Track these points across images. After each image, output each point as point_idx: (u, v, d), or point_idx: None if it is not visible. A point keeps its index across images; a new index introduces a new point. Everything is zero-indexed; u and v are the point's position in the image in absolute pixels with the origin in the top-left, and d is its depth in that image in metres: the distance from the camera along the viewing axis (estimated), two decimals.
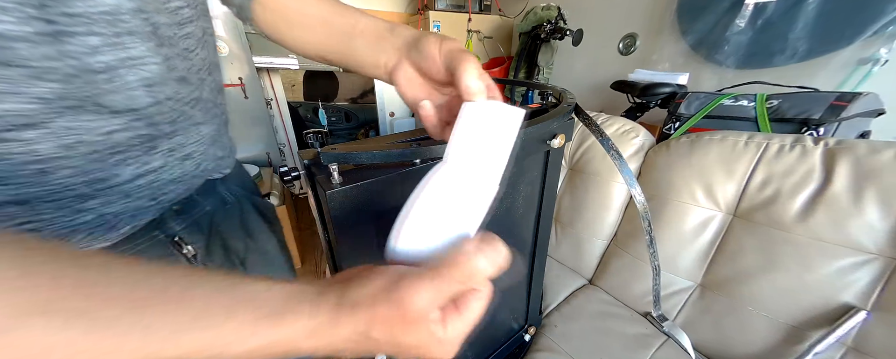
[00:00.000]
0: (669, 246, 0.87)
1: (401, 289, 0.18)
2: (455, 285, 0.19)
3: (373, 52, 0.34)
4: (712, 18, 1.14)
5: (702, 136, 0.86)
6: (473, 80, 0.26)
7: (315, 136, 0.50)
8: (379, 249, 0.52)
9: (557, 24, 1.59)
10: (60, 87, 0.24)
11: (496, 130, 0.25)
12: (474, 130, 0.25)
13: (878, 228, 0.62)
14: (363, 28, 0.35)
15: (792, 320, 0.70)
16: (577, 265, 1.11)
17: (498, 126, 0.25)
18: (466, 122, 0.25)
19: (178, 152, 0.34)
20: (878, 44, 0.88)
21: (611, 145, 0.51)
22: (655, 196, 0.91)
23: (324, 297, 0.18)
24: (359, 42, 0.35)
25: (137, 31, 0.27)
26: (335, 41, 0.37)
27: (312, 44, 0.39)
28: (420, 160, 0.47)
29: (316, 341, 0.18)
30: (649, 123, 1.14)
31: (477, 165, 0.24)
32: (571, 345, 0.84)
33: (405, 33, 0.33)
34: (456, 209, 0.24)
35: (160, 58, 0.29)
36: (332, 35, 0.37)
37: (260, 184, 1.60)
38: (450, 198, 0.23)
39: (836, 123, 0.77)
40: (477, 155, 0.24)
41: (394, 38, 0.33)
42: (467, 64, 0.27)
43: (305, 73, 2.89)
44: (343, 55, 0.37)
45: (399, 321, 0.18)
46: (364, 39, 0.35)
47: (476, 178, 0.24)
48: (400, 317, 0.18)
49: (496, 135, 0.25)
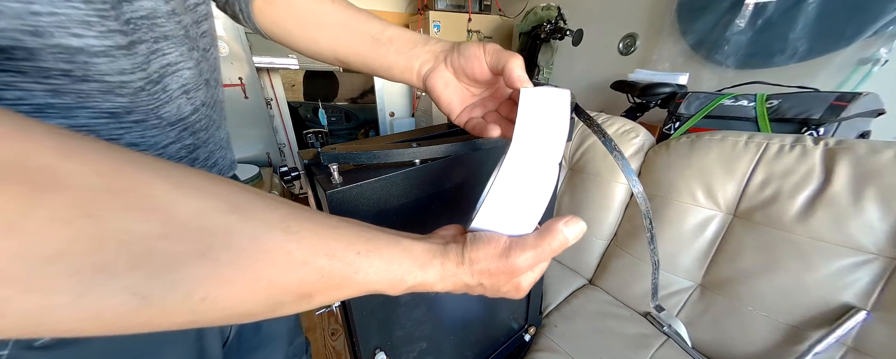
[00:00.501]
0: (669, 246, 0.87)
1: (512, 255, 0.24)
2: (548, 253, 0.24)
3: (406, 59, 0.37)
4: (712, 18, 1.14)
5: (702, 136, 0.86)
6: (522, 72, 0.31)
7: (315, 136, 0.50)
8: None
9: (557, 24, 1.59)
10: (129, 101, 0.23)
11: (556, 108, 0.28)
12: (538, 110, 0.28)
13: (878, 228, 0.62)
14: (392, 35, 0.37)
15: (792, 320, 0.70)
16: (577, 265, 1.11)
17: (556, 105, 0.28)
18: (529, 104, 0.28)
19: (209, 160, 0.35)
20: (878, 44, 0.88)
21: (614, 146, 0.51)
22: (655, 196, 0.91)
23: (448, 256, 0.24)
24: (388, 48, 0.37)
25: (172, 36, 0.27)
26: (358, 45, 0.38)
27: (327, 45, 0.39)
28: (420, 160, 0.47)
29: (442, 284, 0.24)
30: (649, 123, 1.14)
31: (545, 142, 0.27)
32: (571, 345, 0.84)
33: (441, 42, 0.36)
34: (531, 185, 0.26)
35: (192, 62, 0.29)
36: (353, 38, 0.38)
37: (260, 184, 1.60)
38: (525, 173, 0.26)
39: (836, 123, 0.77)
40: (544, 133, 0.27)
41: (430, 45, 0.36)
42: (515, 58, 0.31)
43: (305, 73, 2.90)
44: (367, 59, 0.39)
45: (506, 277, 0.24)
46: (394, 46, 0.37)
47: (546, 155, 0.27)
48: (508, 274, 0.24)
49: (556, 113, 0.28)
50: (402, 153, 0.44)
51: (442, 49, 0.36)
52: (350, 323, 0.57)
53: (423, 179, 0.50)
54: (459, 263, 0.24)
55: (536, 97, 0.28)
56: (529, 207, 0.26)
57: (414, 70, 0.37)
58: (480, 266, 0.24)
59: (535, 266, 0.25)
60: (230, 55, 1.61)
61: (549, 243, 0.24)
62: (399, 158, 0.44)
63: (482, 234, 0.25)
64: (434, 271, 0.23)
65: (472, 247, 0.24)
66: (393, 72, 0.38)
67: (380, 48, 0.37)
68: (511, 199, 0.26)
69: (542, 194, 0.26)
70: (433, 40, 0.37)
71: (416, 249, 0.23)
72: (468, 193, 0.57)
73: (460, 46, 0.34)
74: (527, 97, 0.28)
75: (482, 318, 0.78)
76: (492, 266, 0.24)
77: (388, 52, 0.37)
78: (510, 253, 0.24)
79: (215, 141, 0.35)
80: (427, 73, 0.36)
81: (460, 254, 0.24)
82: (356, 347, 0.57)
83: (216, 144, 0.36)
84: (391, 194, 0.47)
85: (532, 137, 0.27)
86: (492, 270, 0.24)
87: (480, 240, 0.25)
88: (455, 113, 0.38)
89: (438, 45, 0.36)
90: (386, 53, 0.37)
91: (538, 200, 0.26)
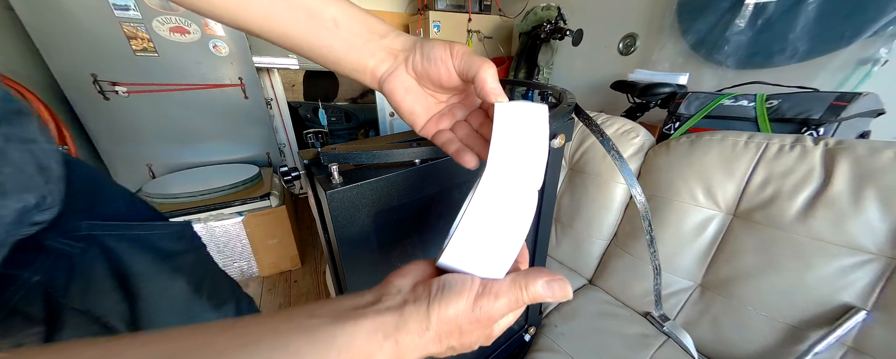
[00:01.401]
0: (669, 246, 0.87)
1: (484, 304, 0.21)
2: (522, 303, 0.22)
3: (357, 55, 0.29)
4: (712, 18, 1.14)
5: (702, 136, 0.86)
6: (495, 83, 0.26)
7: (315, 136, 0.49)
8: (379, 249, 0.52)
9: (557, 24, 1.59)
10: None
11: (533, 126, 0.25)
12: (515, 129, 0.25)
13: (878, 228, 0.62)
14: (336, 17, 0.28)
15: (792, 320, 0.70)
16: (577, 265, 1.11)
17: (534, 123, 0.25)
18: (505, 122, 0.25)
19: None
20: (878, 44, 0.88)
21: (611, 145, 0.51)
22: (655, 196, 0.91)
23: (406, 326, 0.19)
24: (333, 34, 0.29)
25: None
26: (287, 21, 0.28)
27: (248, 18, 0.28)
28: (420, 160, 0.47)
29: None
30: (649, 123, 1.14)
31: (524, 166, 0.25)
32: (571, 345, 0.84)
33: (401, 37, 0.30)
34: (507, 217, 0.24)
35: None
36: (279, 9, 0.27)
37: (260, 184, 1.60)
38: (501, 203, 0.24)
39: (836, 123, 0.77)
40: (522, 155, 0.25)
41: (388, 39, 0.30)
42: (487, 67, 0.27)
43: (305, 73, 2.90)
44: (301, 44, 0.29)
45: (480, 329, 0.21)
46: (341, 33, 0.29)
47: (524, 181, 0.24)
48: (482, 326, 0.21)
49: (534, 132, 0.25)
50: (403, 153, 0.44)
51: (402, 47, 0.29)
52: None
53: (423, 179, 0.50)
54: (423, 330, 0.20)
55: (513, 114, 0.25)
56: (504, 242, 0.23)
57: (367, 70, 0.30)
58: (450, 326, 0.20)
59: (508, 314, 0.22)
60: (230, 55, 1.61)
61: (523, 294, 0.22)
62: (399, 158, 0.44)
63: (450, 282, 0.22)
64: (387, 355, 0.19)
65: (440, 304, 0.20)
66: (341, 67, 0.30)
67: (320, 31, 0.28)
68: (484, 232, 0.23)
69: (518, 228, 0.24)
70: (392, 33, 0.30)
71: (356, 339, 0.18)
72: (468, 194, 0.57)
73: (424, 46, 0.29)
74: (502, 114, 0.25)
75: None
76: (463, 322, 0.20)
77: (332, 41, 0.29)
78: (482, 302, 0.21)
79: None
80: (384, 75, 0.30)
81: (424, 317, 0.20)
82: None
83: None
84: (391, 194, 0.47)
85: (509, 160, 0.25)
86: (463, 326, 0.21)
87: (449, 291, 0.21)
88: (419, 124, 0.32)
89: (398, 40, 0.30)
90: (329, 42, 0.29)
91: (514, 235, 0.24)
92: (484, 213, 0.23)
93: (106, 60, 1.39)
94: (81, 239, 0.33)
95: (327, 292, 1.54)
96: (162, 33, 1.44)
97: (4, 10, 1.20)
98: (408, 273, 0.24)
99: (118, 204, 0.40)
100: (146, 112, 1.54)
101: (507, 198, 0.24)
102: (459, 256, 0.23)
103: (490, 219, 0.23)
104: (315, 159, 0.47)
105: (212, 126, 1.71)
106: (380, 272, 0.55)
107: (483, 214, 0.23)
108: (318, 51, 0.29)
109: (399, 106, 0.31)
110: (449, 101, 0.33)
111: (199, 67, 1.57)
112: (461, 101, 0.33)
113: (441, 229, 0.61)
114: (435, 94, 0.32)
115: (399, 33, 0.30)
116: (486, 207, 0.23)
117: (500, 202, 0.24)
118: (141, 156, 1.60)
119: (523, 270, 0.23)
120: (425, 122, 0.32)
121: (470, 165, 0.30)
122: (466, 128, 0.32)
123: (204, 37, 1.53)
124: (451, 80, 0.29)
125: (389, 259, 0.56)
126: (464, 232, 0.23)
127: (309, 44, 0.29)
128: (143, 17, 1.39)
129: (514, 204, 0.24)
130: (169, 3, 1.41)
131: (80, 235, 0.33)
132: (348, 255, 0.48)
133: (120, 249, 0.36)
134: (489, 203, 0.23)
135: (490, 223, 0.23)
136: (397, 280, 0.23)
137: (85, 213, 0.35)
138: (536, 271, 0.22)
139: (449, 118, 0.32)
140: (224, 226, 1.42)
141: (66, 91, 1.36)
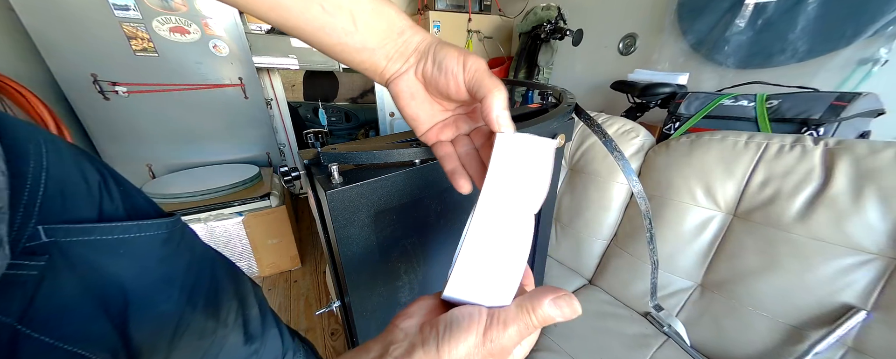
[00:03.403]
0: (669, 246, 0.87)
1: (494, 337, 0.20)
2: (531, 327, 0.21)
3: (370, 55, 0.28)
4: (712, 18, 1.14)
5: (702, 136, 0.86)
6: (503, 110, 0.25)
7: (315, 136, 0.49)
8: (379, 248, 0.52)
9: (557, 24, 1.59)
10: None
11: (536, 162, 0.25)
12: (514, 164, 0.24)
13: (878, 228, 0.62)
14: (354, 11, 0.26)
15: (792, 320, 0.70)
16: (577, 265, 1.11)
17: (537, 159, 0.25)
18: (504, 156, 0.24)
19: None
20: (878, 44, 0.88)
21: (614, 146, 0.51)
22: (655, 196, 0.91)
23: None
24: (347, 32, 0.26)
25: None
26: (292, 6, 0.25)
27: (256, 7, 0.25)
28: (420, 160, 0.47)
29: None
30: (649, 123, 1.14)
31: (520, 198, 0.24)
32: (571, 345, 0.84)
33: (415, 39, 0.28)
34: (505, 241, 0.23)
35: None
36: (299, 6, 0.25)
37: (260, 184, 1.60)
38: (497, 232, 0.23)
39: (836, 123, 0.77)
40: (519, 190, 0.24)
41: (405, 37, 0.28)
42: (497, 91, 0.25)
43: (305, 74, 2.90)
44: (305, 32, 0.27)
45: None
46: (358, 32, 0.27)
47: (519, 211, 0.24)
48: (496, 357, 0.20)
49: (537, 168, 0.24)
50: (402, 153, 0.44)
51: (416, 49, 0.28)
52: (350, 323, 0.57)
53: (423, 179, 0.49)
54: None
55: (515, 148, 0.24)
56: (506, 268, 0.23)
57: (378, 70, 0.29)
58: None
59: (522, 340, 0.21)
60: (230, 55, 1.61)
61: (531, 318, 0.21)
62: (399, 158, 0.44)
63: (456, 318, 0.21)
64: None
65: (450, 344, 0.19)
66: (353, 64, 0.29)
67: (335, 28, 0.26)
68: (484, 261, 0.23)
69: (518, 252, 0.23)
70: (409, 30, 0.28)
71: None
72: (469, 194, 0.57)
73: (437, 53, 0.27)
74: (503, 147, 0.24)
75: None
76: (476, 358, 0.20)
77: (347, 39, 0.27)
78: (492, 333, 0.20)
79: None
80: (392, 77, 0.29)
81: (434, 357, 0.19)
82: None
83: None
84: (391, 194, 0.47)
85: (503, 194, 0.24)
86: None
87: (457, 329, 0.20)
88: (420, 130, 0.31)
89: (414, 39, 0.28)
90: (343, 40, 0.27)
91: (515, 260, 0.23)
92: (481, 243, 0.23)
93: (106, 60, 1.39)
94: (41, 251, 0.25)
95: (327, 292, 1.54)
96: (162, 33, 1.44)
97: (5, 10, 1.20)
98: (413, 314, 0.23)
99: (92, 197, 0.31)
100: (146, 112, 1.54)
101: (503, 226, 0.23)
102: (463, 286, 0.23)
103: (488, 248, 0.23)
104: (315, 159, 0.47)
105: (212, 126, 1.71)
106: (380, 272, 0.55)
107: (480, 244, 0.23)
108: (331, 48, 0.28)
109: (403, 110, 0.30)
110: (455, 111, 0.32)
111: (199, 67, 1.57)
112: (468, 113, 0.32)
113: (441, 229, 0.61)
114: (441, 102, 0.30)
115: (417, 30, 0.29)
116: (482, 237, 0.23)
117: (496, 231, 0.23)
118: (141, 156, 1.60)
119: (528, 292, 0.22)
120: (427, 129, 0.31)
121: (463, 191, 0.29)
122: (468, 145, 0.30)
123: (204, 37, 1.53)
124: (459, 94, 0.28)
125: (389, 259, 0.56)
126: (464, 262, 0.23)
127: (320, 40, 0.27)
128: (143, 17, 1.39)
129: (510, 231, 0.24)
130: (169, 3, 1.41)
131: (36, 247, 0.26)
132: (348, 255, 0.48)
133: (95, 259, 0.29)
134: (485, 233, 0.23)
135: (489, 252, 0.23)
136: (403, 323, 0.22)
137: (43, 213, 0.27)
138: (541, 290, 0.21)
139: (452, 129, 0.31)
140: (224, 226, 1.42)
141: (66, 91, 1.36)
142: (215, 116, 1.70)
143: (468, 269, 0.23)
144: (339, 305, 0.66)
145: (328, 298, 1.51)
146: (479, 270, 0.23)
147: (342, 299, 0.63)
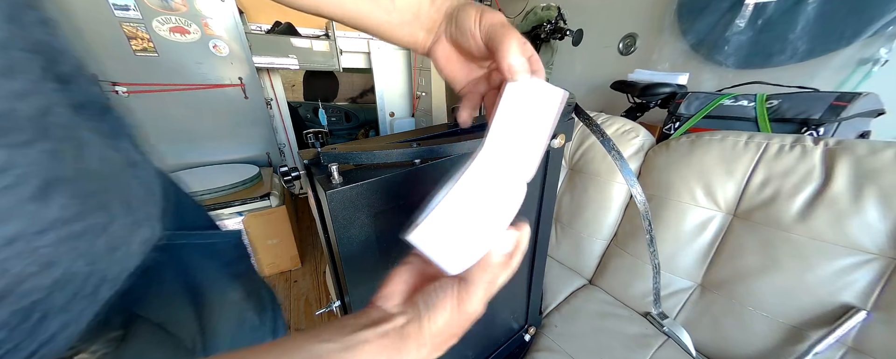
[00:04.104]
0: (669, 246, 0.87)
1: (466, 310, 0.21)
2: (493, 284, 0.23)
3: (410, 29, 0.31)
4: (712, 18, 1.14)
5: (702, 136, 0.86)
6: (516, 57, 0.25)
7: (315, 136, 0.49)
8: (379, 248, 0.52)
9: (557, 24, 1.59)
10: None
11: (542, 112, 0.24)
12: (516, 113, 0.24)
13: (878, 228, 0.62)
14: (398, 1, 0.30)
15: (792, 320, 0.70)
16: (577, 265, 1.11)
17: (544, 109, 0.24)
18: (508, 105, 0.24)
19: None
20: (878, 44, 0.88)
21: (612, 146, 0.51)
22: (655, 196, 0.91)
23: (405, 343, 0.20)
24: (388, 11, 0.31)
25: None
26: (348, 2, 0.30)
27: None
28: (420, 160, 0.47)
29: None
30: (649, 123, 1.14)
31: (520, 154, 0.24)
32: (571, 345, 0.84)
33: (446, 5, 0.31)
34: (492, 199, 0.23)
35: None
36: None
37: (260, 184, 1.60)
38: (487, 186, 0.23)
39: (836, 123, 0.77)
40: (519, 142, 0.24)
41: (435, 10, 0.31)
42: (510, 40, 0.25)
43: (305, 74, 2.90)
44: (359, 23, 0.31)
45: (466, 323, 0.22)
46: (397, 9, 0.30)
47: (516, 171, 0.24)
48: (468, 323, 0.22)
49: (541, 119, 0.24)
50: (403, 153, 0.44)
51: (444, 16, 0.31)
52: None
53: (423, 179, 0.49)
54: (421, 345, 0.20)
55: (523, 96, 0.24)
56: (483, 231, 0.22)
57: (418, 42, 0.32)
58: (443, 335, 0.21)
59: (486, 298, 0.23)
60: (230, 55, 1.61)
61: (484, 274, 0.22)
62: (399, 158, 0.44)
63: (432, 295, 0.22)
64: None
65: (430, 321, 0.21)
66: (394, 40, 0.33)
67: (376, 10, 0.30)
68: (463, 217, 0.22)
69: (500, 218, 0.23)
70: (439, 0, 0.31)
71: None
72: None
73: (459, 15, 0.29)
74: (511, 95, 0.24)
75: (482, 318, 0.78)
76: (453, 327, 0.21)
77: (389, 17, 0.31)
78: (465, 304, 0.21)
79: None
80: (429, 46, 0.32)
81: (420, 333, 0.20)
82: None
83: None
84: (391, 194, 0.47)
85: (504, 146, 0.23)
86: (453, 330, 0.22)
87: (433, 305, 0.21)
88: (457, 89, 0.34)
89: (445, 5, 0.30)
90: (387, 18, 0.31)
91: (495, 225, 0.23)
92: (468, 195, 0.22)
93: (106, 60, 1.39)
94: (158, 249, 0.29)
95: (327, 292, 1.54)
96: (162, 33, 1.44)
97: None
98: (400, 279, 0.24)
99: (187, 210, 0.37)
100: (146, 112, 1.54)
101: (496, 184, 0.23)
102: (433, 236, 0.22)
103: (473, 202, 0.22)
104: (315, 159, 0.47)
105: (212, 126, 1.72)
106: (380, 272, 0.55)
107: (467, 196, 0.22)
108: (377, 29, 0.31)
109: (441, 72, 0.33)
110: (491, 66, 0.33)
111: (200, 67, 1.58)
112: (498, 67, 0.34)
113: None
114: (474, 61, 0.32)
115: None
116: (471, 189, 0.22)
117: (488, 188, 0.22)
118: None
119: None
120: (462, 86, 0.33)
121: (459, 119, 0.32)
122: (495, 95, 0.32)
123: (204, 37, 1.53)
124: (480, 51, 0.28)
125: (389, 259, 0.56)
126: (443, 212, 0.21)
127: (364, 23, 0.31)
128: (143, 17, 1.39)
129: (501, 192, 0.23)
130: (169, 3, 1.41)
131: (158, 246, 0.30)
132: (348, 255, 0.48)
133: (191, 258, 0.34)
134: (476, 187, 0.22)
135: (472, 208, 0.22)
136: (391, 289, 0.24)
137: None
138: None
139: (485, 84, 0.33)
140: (224, 226, 1.42)
141: None
142: (215, 116, 1.70)
143: (446, 218, 0.21)
144: (339, 305, 0.66)
145: (328, 298, 1.51)
146: (455, 223, 0.22)
147: (342, 299, 0.63)
